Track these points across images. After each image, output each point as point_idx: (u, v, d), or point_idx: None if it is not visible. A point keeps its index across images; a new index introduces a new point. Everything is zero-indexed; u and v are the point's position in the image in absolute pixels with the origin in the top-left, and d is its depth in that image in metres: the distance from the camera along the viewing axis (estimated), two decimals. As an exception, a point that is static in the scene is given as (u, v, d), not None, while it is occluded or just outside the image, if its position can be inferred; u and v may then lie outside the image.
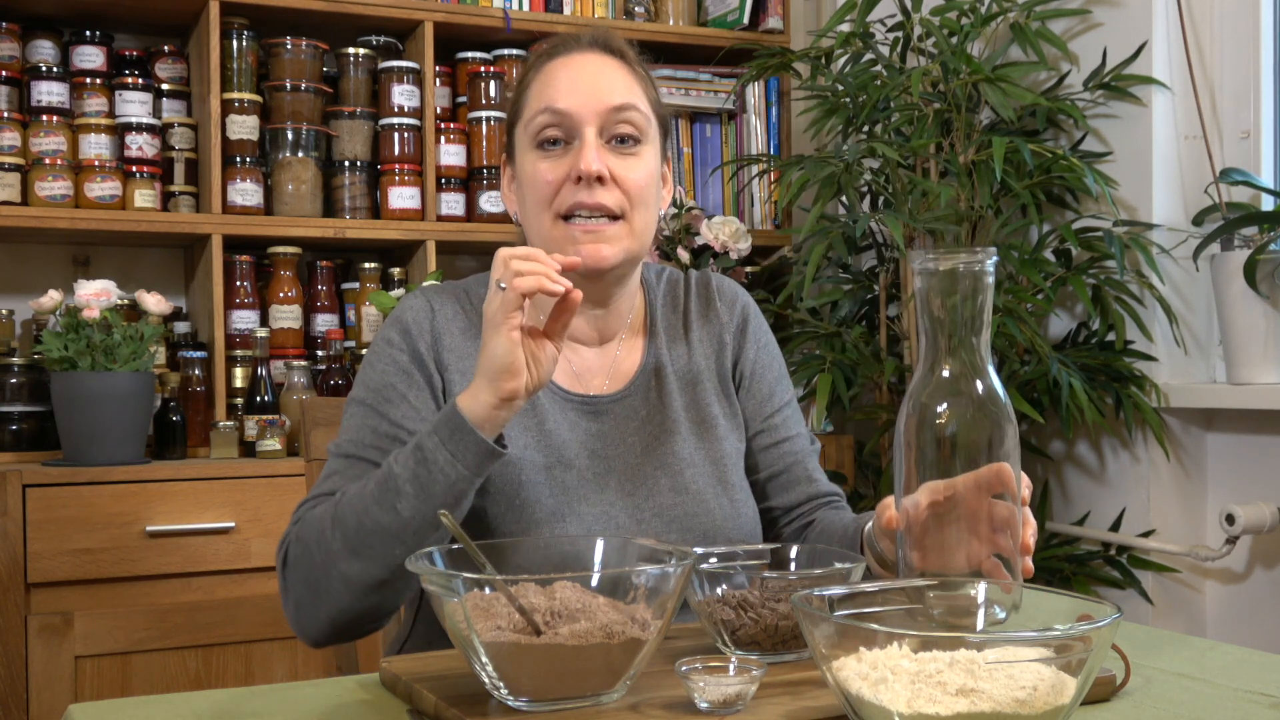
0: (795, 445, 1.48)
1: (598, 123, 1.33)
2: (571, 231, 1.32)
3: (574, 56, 1.36)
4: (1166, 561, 2.46)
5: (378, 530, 1.17)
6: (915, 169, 2.59)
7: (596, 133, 1.32)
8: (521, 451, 1.33)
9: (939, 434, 1.00)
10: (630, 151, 1.34)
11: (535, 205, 1.34)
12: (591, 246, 1.32)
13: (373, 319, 2.83)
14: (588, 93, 1.33)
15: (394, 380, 1.33)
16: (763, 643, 1.09)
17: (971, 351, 1.01)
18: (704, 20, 3.20)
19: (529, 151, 1.35)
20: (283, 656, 2.38)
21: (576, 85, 1.33)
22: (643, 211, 1.35)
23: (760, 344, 1.50)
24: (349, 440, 1.32)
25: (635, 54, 1.41)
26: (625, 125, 1.34)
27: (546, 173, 1.33)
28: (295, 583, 1.24)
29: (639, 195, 1.34)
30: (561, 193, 1.32)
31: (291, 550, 1.25)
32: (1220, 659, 1.15)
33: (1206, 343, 2.51)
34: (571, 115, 1.32)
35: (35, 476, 2.24)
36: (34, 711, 2.20)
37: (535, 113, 1.34)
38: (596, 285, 1.37)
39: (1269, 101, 2.43)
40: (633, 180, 1.33)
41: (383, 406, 1.32)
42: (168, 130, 2.73)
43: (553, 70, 1.36)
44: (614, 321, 1.43)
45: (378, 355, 1.36)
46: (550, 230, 1.33)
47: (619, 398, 1.40)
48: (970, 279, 1.00)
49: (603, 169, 1.31)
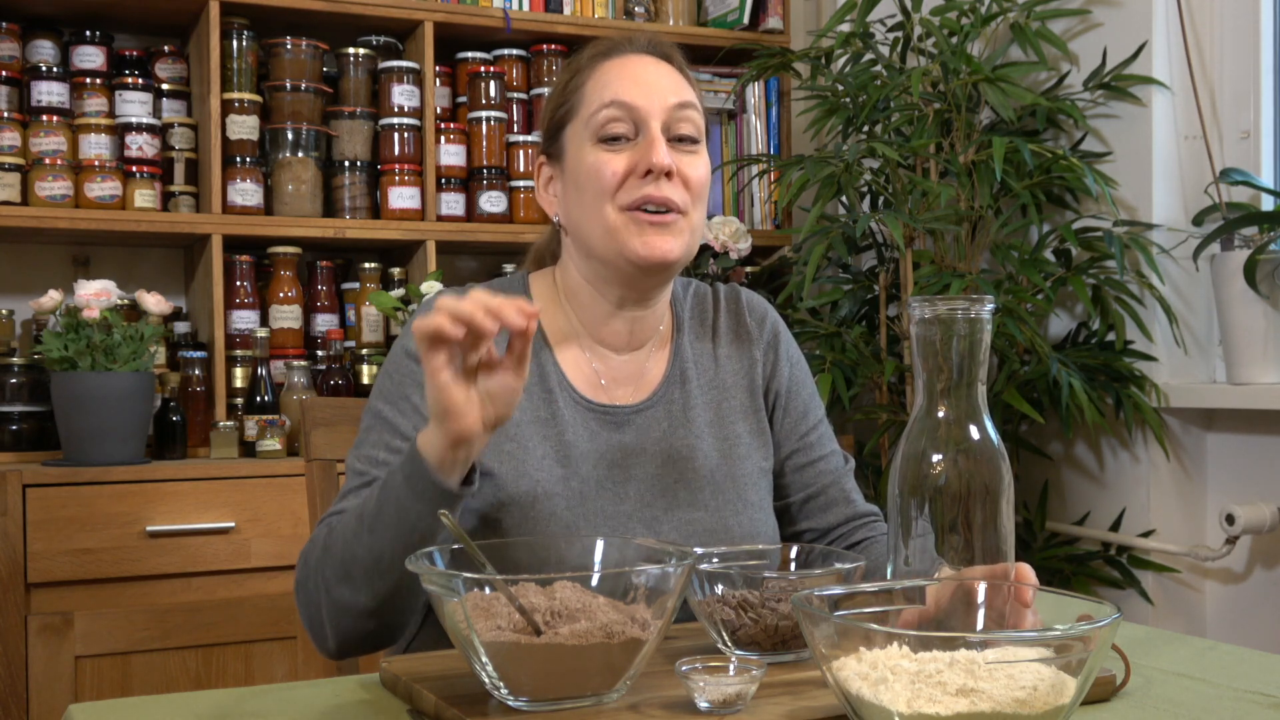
0: (830, 464, 1.47)
1: (663, 118, 1.33)
2: (638, 221, 1.31)
3: (630, 58, 1.37)
4: (1166, 561, 2.46)
5: (357, 561, 1.17)
6: (915, 169, 2.59)
7: (661, 128, 1.33)
8: (539, 462, 1.32)
9: (934, 480, 1.00)
10: (691, 150, 1.35)
11: (596, 197, 1.33)
12: (658, 239, 1.31)
13: (373, 319, 2.83)
14: (651, 89, 1.34)
15: (408, 391, 1.32)
16: (763, 643, 1.09)
17: (967, 396, 1.01)
18: (704, 20, 3.20)
19: (588, 145, 1.34)
20: (283, 656, 2.38)
21: (640, 81, 1.34)
22: (700, 209, 1.36)
23: (793, 361, 1.49)
24: (365, 456, 1.31)
25: (685, 63, 1.41)
26: (687, 124, 1.35)
27: (612, 164, 1.32)
28: (302, 603, 1.26)
29: (700, 192, 1.35)
30: (627, 185, 1.31)
31: (299, 572, 1.26)
32: (1220, 659, 1.15)
33: (1206, 343, 2.51)
34: (638, 109, 1.32)
35: (35, 476, 2.23)
36: (34, 711, 2.20)
37: (598, 107, 1.33)
38: (648, 282, 1.36)
39: (1269, 101, 2.43)
40: (696, 177, 1.34)
41: (396, 419, 1.31)
42: (168, 130, 2.73)
43: (610, 69, 1.36)
44: (647, 327, 1.42)
45: (395, 364, 1.35)
46: (614, 220, 1.32)
47: (642, 408, 1.39)
48: (968, 325, 1.00)
49: (672, 163, 1.31)
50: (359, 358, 2.80)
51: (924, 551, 1.01)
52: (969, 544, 1.00)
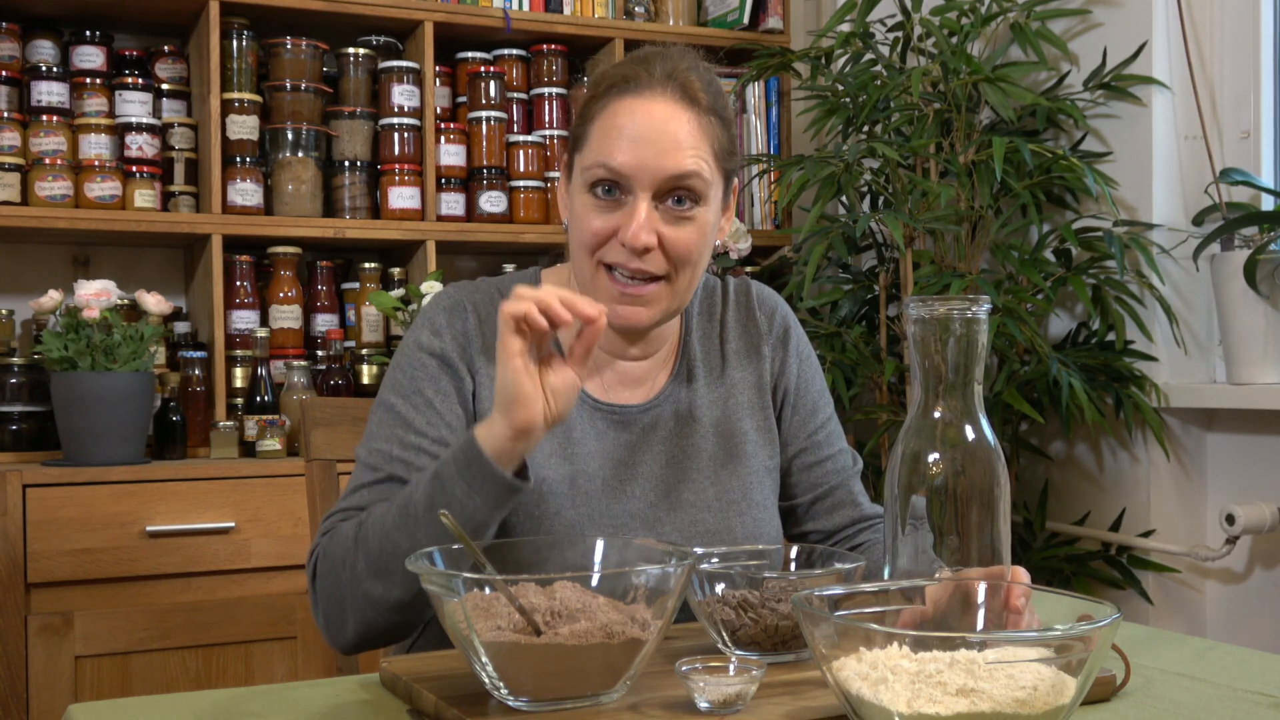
0: (838, 464, 1.47)
1: (653, 188, 1.26)
2: (611, 287, 1.28)
3: (643, 101, 1.28)
4: (1166, 561, 2.46)
5: (398, 555, 1.15)
6: (915, 169, 2.59)
7: (651, 196, 1.27)
8: (545, 460, 1.31)
9: (930, 480, 1.00)
10: (685, 214, 1.28)
11: (579, 247, 1.31)
12: (629, 309, 1.29)
13: (373, 319, 2.83)
14: (648, 153, 1.26)
15: (421, 385, 1.31)
16: (763, 643, 1.09)
17: (964, 396, 1.01)
18: (704, 20, 3.20)
19: (581, 191, 1.30)
20: (283, 656, 2.38)
21: (639, 143, 1.26)
22: (688, 271, 1.30)
23: (803, 357, 1.47)
24: (377, 450, 1.30)
25: (709, 94, 1.31)
26: (682, 191, 1.28)
27: (595, 222, 1.28)
28: (323, 597, 1.24)
29: (686, 257, 1.29)
30: (607, 246, 1.28)
31: (320, 565, 1.24)
32: (1220, 659, 1.15)
33: (1206, 343, 2.51)
34: (628, 178, 1.26)
35: (35, 476, 2.23)
36: (34, 711, 2.20)
37: (592, 161, 1.28)
38: (630, 336, 1.36)
39: (1269, 101, 2.43)
40: (681, 246, 1.28)
41: (409, 414, 1.30)
42: (168, 130, 2.73)
43: (617, 112, 1.28)
44: (652, 343, 1.40)
45: (407, 357, 1.34)
46: (591, 276, 1.30)
47: (648, 408, 1.38)
48: (964, 325, 1.00)
49: (651, 240, 1.26)
50: (359, 358, 2.80)
51: (921, 551, 1.01)
52: (965, 544, 1.00)
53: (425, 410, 1.30)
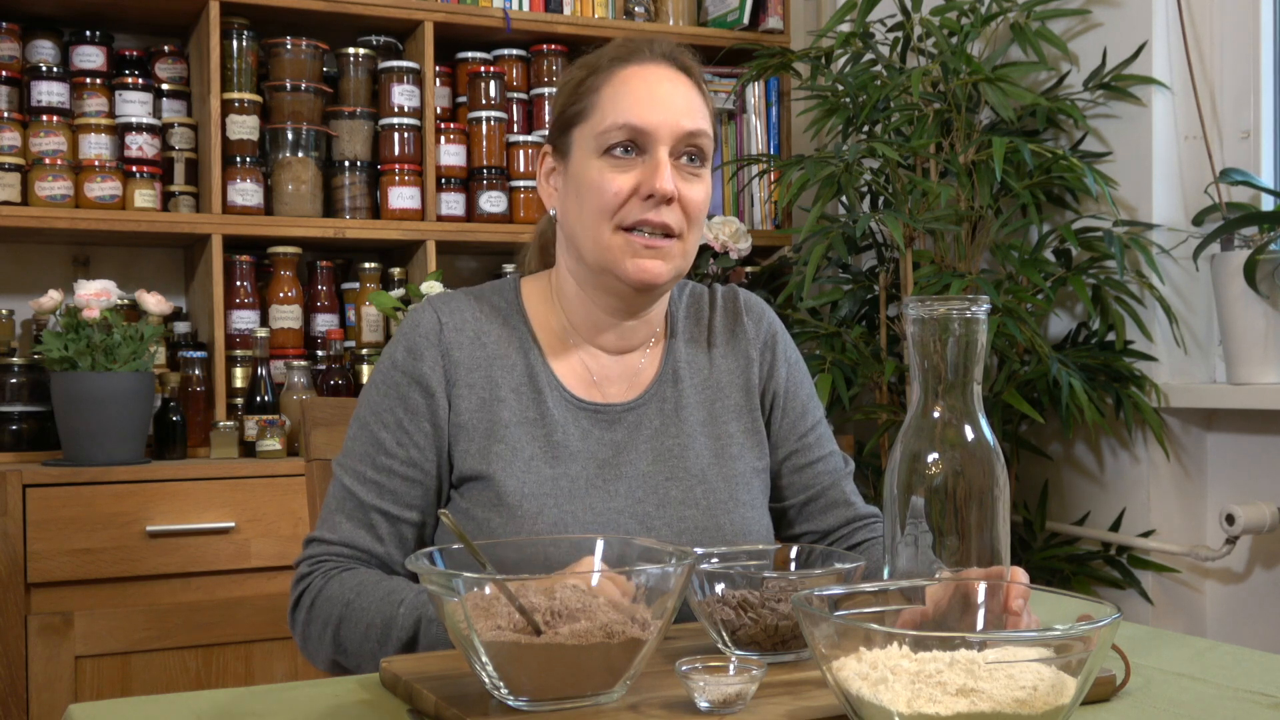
0: (829, 465, 1.48)
1: (672, 143, 1.32)
2: (632, 243, 1.32)
3: (647, 67, 1.35)
4: (1166, 561, 2.46)
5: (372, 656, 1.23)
6: (915, 169, 2.59)
7: (669, 151, 1.32)
8: (528, 463, 1.32)
9: (929, 480, 1.00)
10: (695, 172, 1.35)
11: (595, 213, 1.33)
12: (650, 262, 1.32)
13: (372, 319, 2.83)
14: (665, 111, 1.32)
15: (393, 405, 1.35)
16: (763, 643, 1.09)
17: (963, 396, 1.01)
18: (704, 20, 3.20)
19: (593, 157, 1.33)
20: (283, 656, 2.38)
21: (655, 101, 1.33)
22: (695, 231, 1.36)
23: (791, 363, 1.49)
24: (353, 470, 1.35)
25: (699, 73, 1.40)
26: (695, 148, 1.35)
27: (616, 182, 1.32)
28: (300, 634, 1.33)
29: (697, 216, 1.35)
30: (627, 205, 1.32)
31: (300, 613, 1.32)
32: (1220, 659, 1.15)
33: (1206, 343, 2.51)
34: (649, 133, 1.32)
35: (35, 476, 2.24)
36: (34, 711, 2.20)
37: (610, 123, 1.32)
38: (635, 298, 1.37)
39: (1269, 101, 2.43)
40: (695, 201, 1.34)
41: (380, 433, 1.35)
42: (168, 130, 2.73)
43: (627, 79, 1.34)
44: (639, 334, 1.42)
45: (382, 375, 1.37)
46: (609, 239, 1.32)
47: (633, 406, 1.39)
48: (964, 325, 1.00)
49: (675, 190, 1.31)
50: (359, 358, 2.80)
51: (920, 551, 1.01)
52: (964, 544, 1.00)
53: (395, 430, 1.34)
